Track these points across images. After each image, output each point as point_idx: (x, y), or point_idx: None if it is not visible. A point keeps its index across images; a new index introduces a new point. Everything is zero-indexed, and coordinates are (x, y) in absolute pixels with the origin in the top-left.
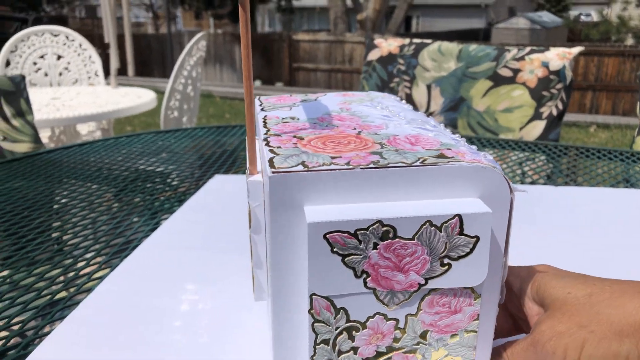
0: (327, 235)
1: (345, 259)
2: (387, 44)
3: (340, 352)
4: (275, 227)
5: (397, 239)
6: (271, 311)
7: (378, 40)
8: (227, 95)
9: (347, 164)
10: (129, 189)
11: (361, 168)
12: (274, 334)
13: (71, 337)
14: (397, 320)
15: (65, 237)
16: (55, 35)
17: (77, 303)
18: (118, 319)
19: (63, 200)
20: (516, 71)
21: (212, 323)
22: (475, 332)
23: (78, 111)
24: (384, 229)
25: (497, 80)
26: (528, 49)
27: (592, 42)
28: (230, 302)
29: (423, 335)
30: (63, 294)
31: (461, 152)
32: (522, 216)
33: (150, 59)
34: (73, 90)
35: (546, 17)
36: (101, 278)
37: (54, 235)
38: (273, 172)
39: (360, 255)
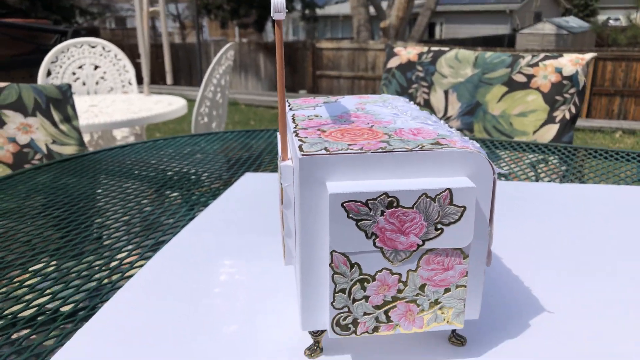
0: (344, 204)
1: (359, 223)
2: (406, 52)
3: (354, 300)
4: (303, 199)
5: (399, 208)
6: (299, 267)
7: (398, 49)
8: (252, 102)
9: (361, 149)
10: (167, 185)
11: (372, 152)
12: (302, 284)
13: (130, 302)
14: (400, 274)
15: (109, 231)
16: (93, 47)
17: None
18: (165, 290)
19: (107, 196)
20: (530, 77)
21: (247, 289)
22: (465, 286)
23: (114, 117)
24: (389, 199)
25: (512, 86)
26: (542, 55)
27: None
28: (262, 272)
29: (422, 288)
30: (109, 279)
31: (453, 141)
32: (528, 211)
33: (178, 68)
34: (109, 98)
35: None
36: (145, 263)
37: (99, 228)
38: (302, 155)
39: (370, 220)
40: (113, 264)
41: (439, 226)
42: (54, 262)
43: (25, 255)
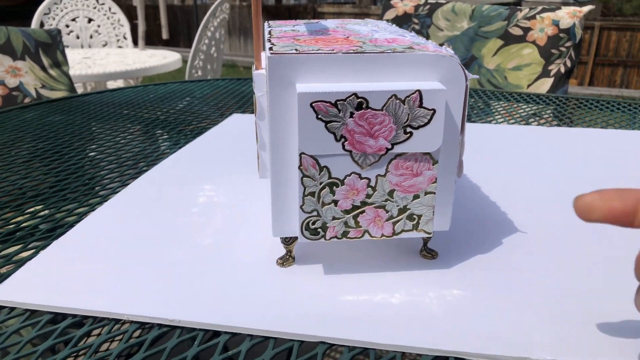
0: (313, 104)
1: (328, 125)
2: (403, 4)
3: (323, 204)
4: (273, 100)
5: (369, 110)
6: (270, 169)
7: (394, 1)
8: (250, 65)
9: (332, 50)
10: (154, 124)
11: (343, 53)
12: (272, 190)
13: (109, 216)
14: (369, 179)
15: (95, 164)
16: None
17: None
18: (142, 209)
19: (94, 133)
20: (527, 30)
21: (224, 209)
22: (434, 193)
23: (108, 69)
24: (358, 100)
25: (508, 39)
26: (539, 7)
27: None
28: (240, 195)
29: (390, 194)
30: (87, 203)
31: (426, 47)
32: (519, 152)
33: (176, 30)
34: (103, 51)
35: None
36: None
37: (87, 162)
38: (272, 54)
39: (340, 122)
40: (96, 189)
41: (408, 129)
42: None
43: (14, 194)
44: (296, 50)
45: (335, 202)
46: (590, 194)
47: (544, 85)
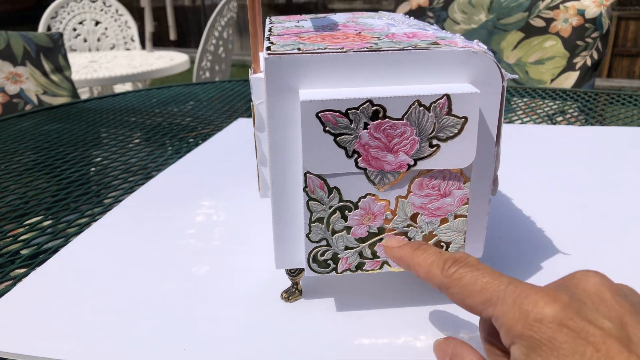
0: (319, 114)
1: (337, 139)
2: None
3: (334, 231)
4: (272, 110)
5: (386, 119)
6: (271, 192)
7: None
8: None
9: (341, 48)
10: (156, 131)
11: (354, 51)
12: (274, 215)
13: (100, 237)
14: (387, 201)
15: (92, 176)
16: (93, 2)
17: None
18: (134, 231)
19: (92, 142)
20: (549, 21)
21: (224, 230)
22: (465, 216)
23: (114, 72)
24: (374, 108)
25: (529, 31)
26: None
27: None
28: (242, 213)
29: (413, 218)
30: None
31: (454, 41)
32: (547, 150)
33: (187, 30)
34: (110, 54)
35: None
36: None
37: (82, 175)
38: (269, 54)
39: (352, 134)
40: (83, 206)
41: (435, 142)
42: (44, 214)
43: (12, 205)
44: (299, 49)
45: (348, 229)
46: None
47: (569, 80)
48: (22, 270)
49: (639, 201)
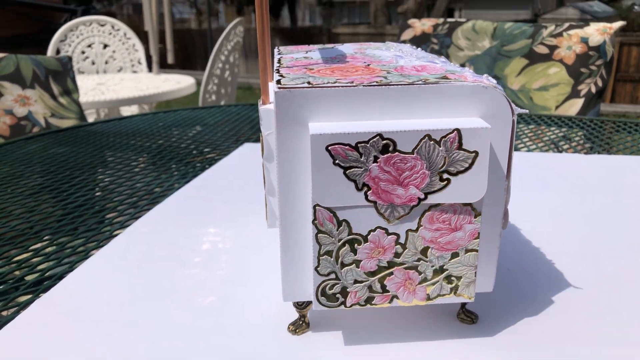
0: (329, 147)
1: (347, 172)
2: (421, 24)
3: (343, 265)
4: (281, 142)
5: (396, 153)
6: (279, 224)
7: (412, 20)
8: None
9: (351, 82)
10: (162, 155)
11: (364, 85)
12: (282, 247)
13: (105, 265)
14: (397, 235)
15: (96, 201)
16: (102, 25)
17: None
18: (139, 260)
19: (97, 166)
20: (553, 48)
21: (230, 259)
22: (476, 251)
23: (121, 94)
24: (384, 142)
25: (533, 58)
26: (566, 24)
27: None
28: (249, 241)
29: (424, 252)
30: (84, 247)
31: (464, 75)
32: (551, 181)
33: (194, 53)
34: (117, 76)
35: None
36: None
37: (87, 200)
38: (279, 88)
39: (361, 168)
40: (87, 233)
41: (445, 176)
42: (48, 238)
43: (15, 229)
44: (309, 83)
45: (357, 263)
46: None
47: (574, 107)
48: (26, 297)
49: None
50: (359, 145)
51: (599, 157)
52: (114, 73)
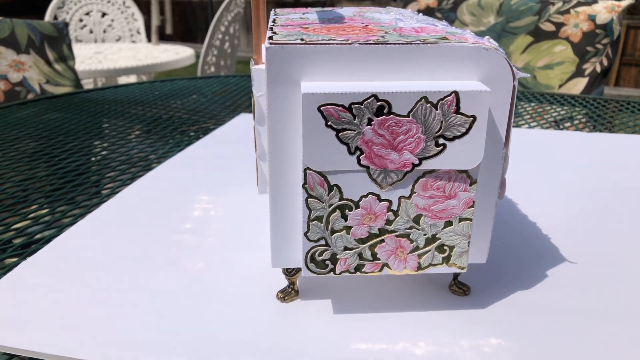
0: (322, 108)
1: (339, 134)
2: None
3: (333, 231)
4: (272, 102)
5: (391, 116)
6: (269, 188)
7: None
8: None
9: (346, 40)
10: (157, 123)
11: (359, 44)
12: (271, 209)
13: (94, 229)
14: (390, 201)
15: (97, 165)
16: None
17: None
18: (133, 223)
19: (92, 132)
20: (559, 25)
21: (221, 226)
22: (470, 220)
23: (119, 64)
24: (379, 103)
25: (539, 36)
26: (574, 1)
27: None
28: (241, 209)
29: (416, 220)
30: (73, 212)
31: (464, 37)
32: (550, 157)
33: (195, 25)
34: (116, 46)
35: None
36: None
37: (80, 165)
38: (270, 44)
39: (355, 130)
40: (78, 198)
41: (441, 141)
42: (43, 203)
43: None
44: (302, 40)
45: (348, 229)
46: None
47: (578, 86)
48: (13, 260)
49: None
50: (352, 106)
51: (600, 135)
52: (112, 42)
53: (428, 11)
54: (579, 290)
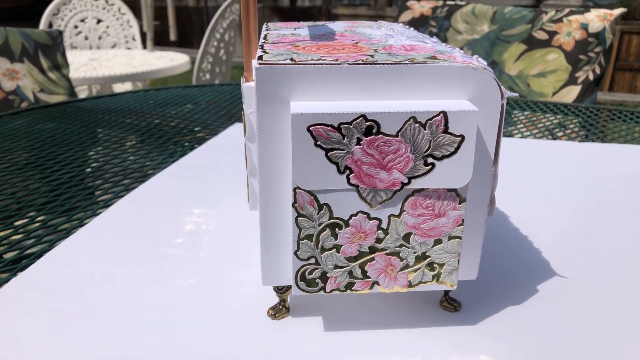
0: (311, 128)
1: (329, 154)
2: (420, 6)
3: (323, 249)
4: (262, 121)
5: (380, 135)
6: (259, 207)
7: (410, 2)
8: None
9: (336, 60)
10: (151, 133)
11: (349, 64)
12: (261, 228)
13: (85, 244)
14: (379, 220)
15: (90, 177)
16: (96, 0)
17: None
18: (120, 238)
19: (85, 142)
20: (552, 34)
21: (213, 240)
22: (460, 238)
23: (114, 71)
24: (368, 123)
25: (532, 44)
26: (567, 10)
27: None
28: (233, 223)
29: (406, 238)
30: (70, 224)
31: (453, 56)
32: (541, 167)
33: (191, 31)
34: (111, 52)
35: None
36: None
37: (73, 177)
38: (260, 64)
39: (344, 150)
40: (70, 212)
41: (430, 160)
42: (35, 215)
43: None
44: (291, 59)
45: (338, 248)
46: None
47: (571, 94)
48: (4, 275)
49: (639, 220)
50: (341, 126)
51: (593, 145)
52: (107, 49)
53: (422, 19)
54: (570, 305)
